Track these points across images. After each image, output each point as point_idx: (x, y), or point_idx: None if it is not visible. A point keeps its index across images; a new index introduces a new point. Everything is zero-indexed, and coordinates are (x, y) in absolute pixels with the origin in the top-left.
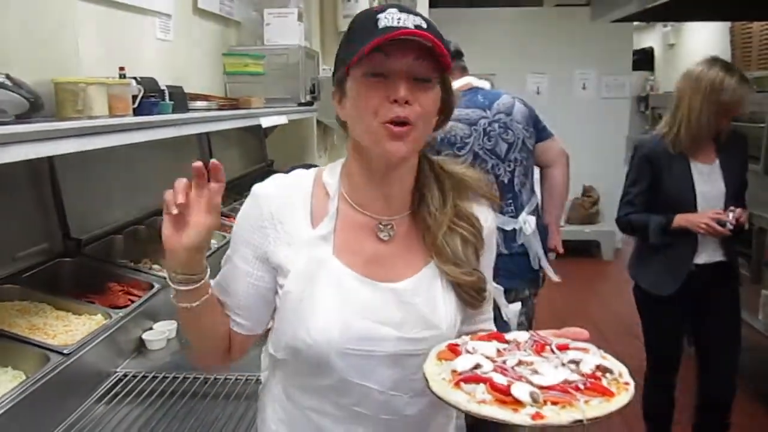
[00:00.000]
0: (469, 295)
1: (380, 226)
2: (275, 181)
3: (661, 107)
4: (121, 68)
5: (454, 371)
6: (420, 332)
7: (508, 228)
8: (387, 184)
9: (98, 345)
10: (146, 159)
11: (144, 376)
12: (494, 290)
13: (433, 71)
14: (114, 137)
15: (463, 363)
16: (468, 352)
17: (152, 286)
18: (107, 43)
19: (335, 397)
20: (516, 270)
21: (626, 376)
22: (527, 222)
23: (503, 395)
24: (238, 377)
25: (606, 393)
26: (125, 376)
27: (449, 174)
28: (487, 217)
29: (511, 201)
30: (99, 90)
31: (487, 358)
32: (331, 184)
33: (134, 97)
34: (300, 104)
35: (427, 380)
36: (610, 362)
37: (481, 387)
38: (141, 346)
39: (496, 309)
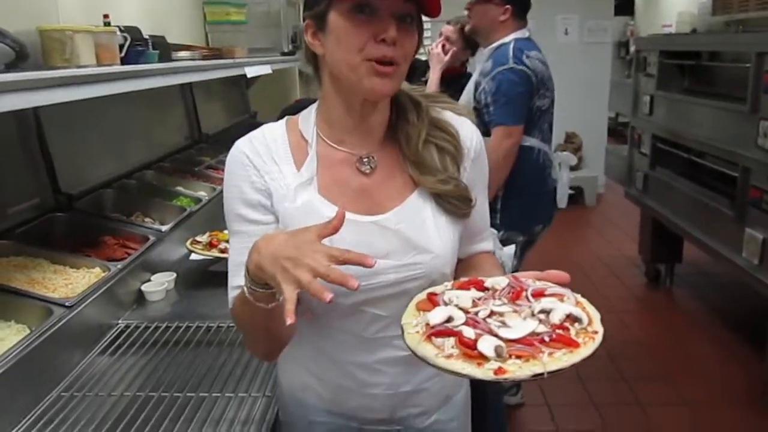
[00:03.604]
0: (453, 205)
1: (361, 159)
2: (249, 137)
3: (644, 50)
4: (106, 16)
5: (427, 324)
6: (412, 257)
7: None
8: (365, 118)
9: (99, 297)
10: (131, 113)
11: (146, 327)
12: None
13: (416, 12)
14: (103, 87)
15: (435, 316)
16: (444, 303)
17: (147, 239)
18: None
19: (347, 327)
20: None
21: (596, 324)
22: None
23: (470, 349)
24: None
25: (571, 344)
26: (127, 327)
27: (425, 96)
28: (471, 135)
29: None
30: (86, 38)
31: (461, 309)
32: (306, 129)
33: (120, 47)
34: (283, 53)
35: (402, 331)
36: (583, 310)
37: (451, 341)
38: (140, 298)
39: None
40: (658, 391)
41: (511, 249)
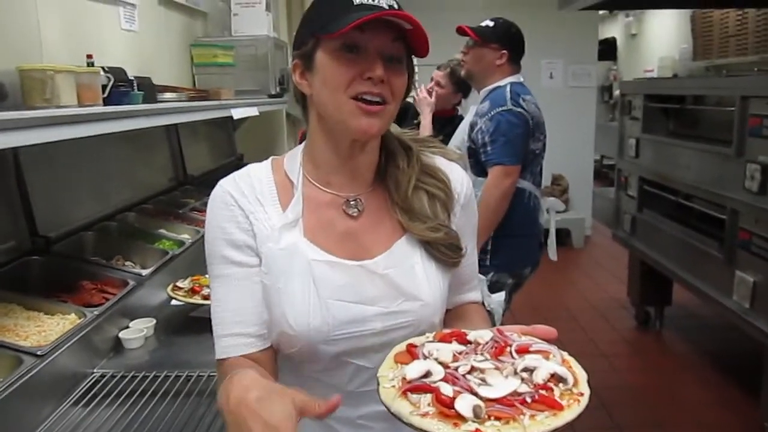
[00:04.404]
0: (443, 253)
1: (348, 202)
2: (234, 176)
3: (629, 94)
4: (89, 56)
5: (404, 378)
6: (401, 305)
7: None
8: (352, 159)
9: (73, 345)
10: (114, 153)
11: (123, 376)
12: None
13: (404, 53)
14: (84, 127)
15: (413, 370)
16: (424, 355)
17: (127, 284)
18: (70, 33)
19: (330, 379)
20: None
21: (582, 386)
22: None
23: (447, 408)
24: None
25: (554, 406)
26: (102, 376)
27: (415, 141)
28: (462, 179)
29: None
30: (67, 78)
31: (441, 363)
32: (292, 170)
33: (104, 87)
34: (270, 96)
35: (378, 384)
36: (569, 369)
37: (428, 397)
38: (118, 346)
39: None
40: None
41: (501, 296)
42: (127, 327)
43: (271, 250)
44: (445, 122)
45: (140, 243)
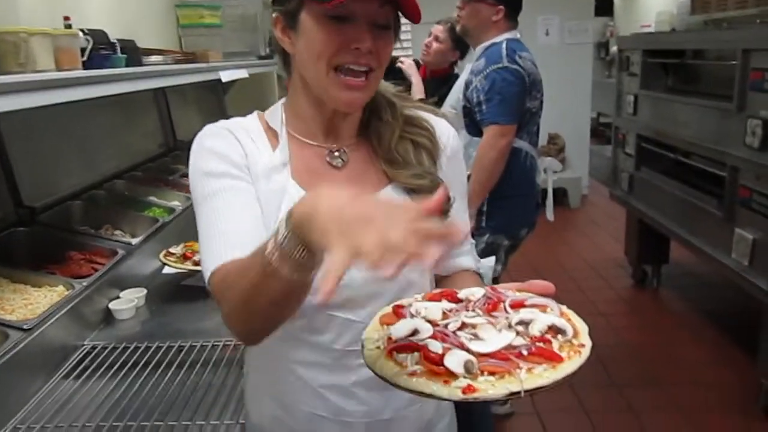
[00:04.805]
0: None
1: (332, 153)
2: (222, 121)
3: (627, 49)
4: (66, 18)
5: (389, 338)
6: None
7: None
8: (336, 118)
9: (62, 318)
10: (101, 120)
11: (114, 348)
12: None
13: (392, 16)
14: (62, 93)
15: (399, 329)
16: (411, 315)
17: (116, 253)
18: None
19: (316, 338)
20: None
21: (583, 337)
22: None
23: (436, 365)
24: (215, 343)
25: (553, 358)
26: (93, 348)
27: (401, 97)
28: (448, 133)
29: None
30: (43, 42)
31: (430, 321)
32: (275, 123)
33: (83, 50)
34: (260, 57)
35: (362, 347)
36: (569, 321)
37: (415, 356)
38: (108, 317)
39: None
40: (649, 397)
41: (491, 260)
42: (118, 297)
43: (261, 189)
44: (441, 82)
45: (130, 211)
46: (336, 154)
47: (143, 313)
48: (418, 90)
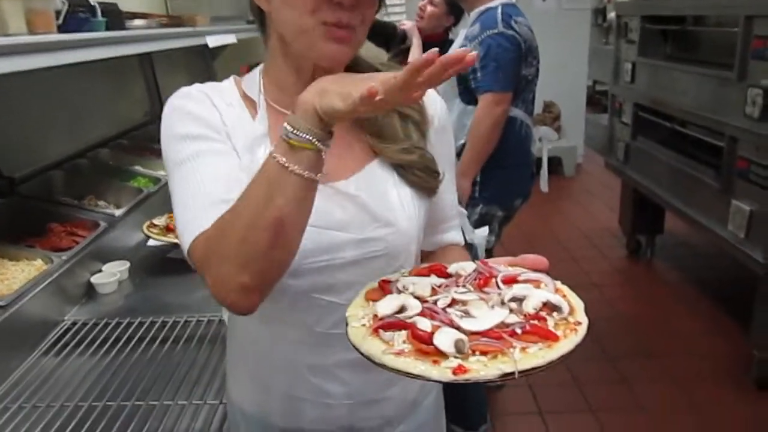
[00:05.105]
0: (418, 177)
1: None
2: (197, 85)
3: (625, 15)
4: None
5: (375, 315)
6: (374, 231)
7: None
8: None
9: (40, 293)
10: (85, 86)
11: (95, 323)
12: (458, 213)
13: None
14: (35, 58)
15: (385, 306)
16: (398, 291)
17: (98, 225)
18: None
19: (296, 319)
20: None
21: (579, 314)
22: None
23: (425, 344)
24: (200, 319)
25: (548, 337)
26: (74, 324)
27: (387, 65)
28: (436, 102)
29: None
30: (14, 3)
31: (418, 297)
32: (252, 91)
33: (58, 13)
34: (249, 21)
35: (347, 324)
36: (564, 298)
37: (403, 334)
38: (90, 291)
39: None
40: (643, 368)
41: (484, 231)
42: (100, 271)
43: (245, 163)
44: (434, 46)
45: (114, 181)
46: None
47: (126, 287)
48: (418, 53)
